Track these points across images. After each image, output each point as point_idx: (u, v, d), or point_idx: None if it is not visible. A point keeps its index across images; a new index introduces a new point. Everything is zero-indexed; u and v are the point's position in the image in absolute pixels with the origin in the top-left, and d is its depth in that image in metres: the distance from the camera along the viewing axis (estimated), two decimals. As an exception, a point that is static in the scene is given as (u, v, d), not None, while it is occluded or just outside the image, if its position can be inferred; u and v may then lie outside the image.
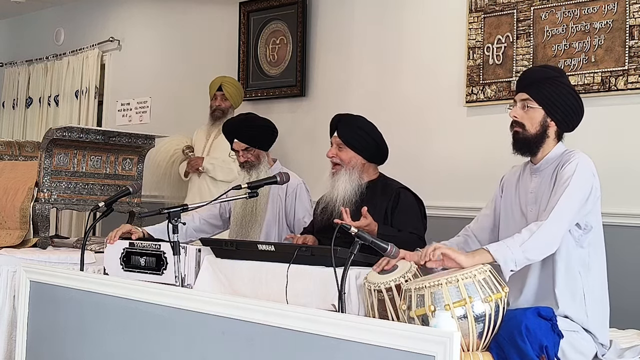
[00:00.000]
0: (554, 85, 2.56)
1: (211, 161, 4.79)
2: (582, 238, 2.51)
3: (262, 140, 3.68)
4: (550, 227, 2.38)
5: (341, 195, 3.15)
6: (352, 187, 3.16)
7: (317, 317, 1.99)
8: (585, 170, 2.49)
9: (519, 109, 2.59)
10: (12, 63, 7.84)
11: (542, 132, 2.57)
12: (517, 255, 2.33)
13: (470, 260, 2.32)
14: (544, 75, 2.59)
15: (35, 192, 4.11)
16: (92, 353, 2.70)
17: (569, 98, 2.58)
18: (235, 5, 5.52)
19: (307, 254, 2.79)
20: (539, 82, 2.57)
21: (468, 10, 4.20)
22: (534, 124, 2.57)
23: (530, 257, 2.38)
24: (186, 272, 3.09)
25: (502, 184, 2.79)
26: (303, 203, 3.65)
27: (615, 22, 3.64)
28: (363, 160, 3.22)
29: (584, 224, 2.50)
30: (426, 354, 1.75)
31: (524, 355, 2.17)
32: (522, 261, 2.36)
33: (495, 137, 3.93)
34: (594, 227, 2.53)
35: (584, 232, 2.51)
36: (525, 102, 2.57)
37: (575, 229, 2.49)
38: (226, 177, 4.73)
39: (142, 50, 6.51)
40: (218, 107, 4.88)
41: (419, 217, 3.22)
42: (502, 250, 2.33)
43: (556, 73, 2.63)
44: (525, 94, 2.58)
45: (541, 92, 2.55)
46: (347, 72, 4.85)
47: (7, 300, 3.56)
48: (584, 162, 2.50)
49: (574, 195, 2.43)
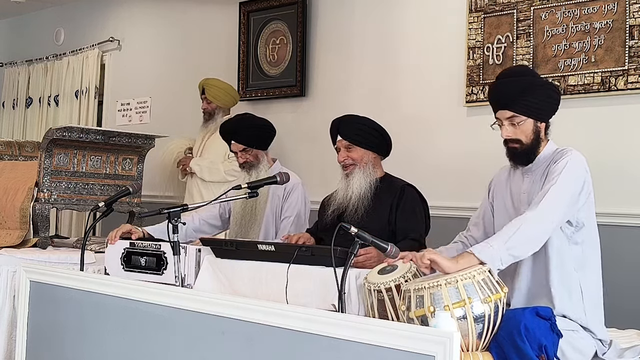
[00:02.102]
0: (533, 91, 2.53)
1: (198, 162, 4.86)
2: (575, 235, 2.50)
3: (260, 140, 3.68)
4: (536, 223, 2.36)
5: (357, 192, 3.19)
6: (368, 182, 3.20)
7: (317, 317, 1.99)
8: (576, 167, 2.47)
9: (509, 127, 2.56)
10: (12, 63, 7.84)
11: (536, 137, 2.57)
12: (502, 254, 2.31)
13: (455, 266, 2.29)
14: (520, 87, 2.54)
15: (35, 192, 4.11)
16: (92, 353, 2.70)
17: (548, 94, 2.57)
18: (235, 5, 5.52)
19: (307, 254, 2.79)
20: (518, 95, 2.52)
21: (468, 10, 4.20)
22: (528, 135, 2.56)
23: (516, 254, 2.35)
24: (186, 272, 3.09)
25: (491, 188, 2.78)
26: (291, 203, 3.64)
27: (615, 22, 3.64)
28: (374, 154, 3.27)
29: (575, 221, 2.49)
30: (426, 354, 1.75)
31: (523, 355, 2.17)
32: (508, 259, 2.34)
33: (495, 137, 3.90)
34: (585, 224, 2.51)
35: (575, 230, 2.50)
36: (512, 119, 2.55)
37: (566, 226, 2.48)
38: (213, 177, 4.79)
39: (142, 50, 6.51)
40: (204, 110, 4.97)
41: (422, 216, 3.23)
42: (486, 251, 2.32)
43: (528, 77, 2.60)
44: (509, 112, 2.54)
45: (525, 105, 2.52)
46: (347, 72, 4.86)
47: (7, 300, 3.56)
48: (575, 159, 2.48)
49: (563, 191, 2.41)
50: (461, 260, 2.31)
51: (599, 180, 2.62)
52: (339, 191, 3.27)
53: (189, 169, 4.88)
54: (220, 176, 4.75)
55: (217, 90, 4.90)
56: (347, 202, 3.21)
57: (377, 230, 2.86)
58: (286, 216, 3.62)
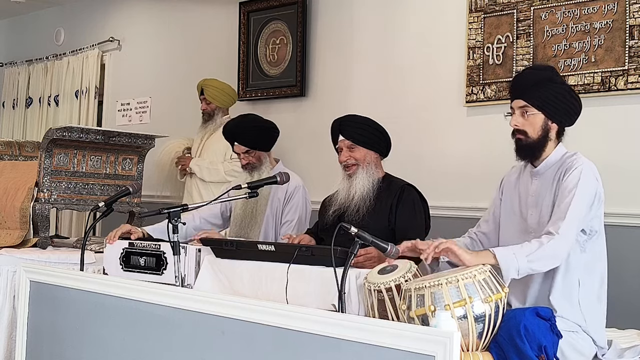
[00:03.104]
0: (549, 86, 2.54)
1: (198, 163, 4.86)
2: (586, 243, 2.50)
3: (263, 142, 3.67)
4: (560, 241, 2.36)
5: (359, 193, 3.19)
6: (370, 182, 3.21)
7: (317, 317, 1.99)
8: (589, 177, 2.47)
9: (519, 117, 2.56)
10: (12, 63, 7.84)
11: (544, 135, 2.55)
12: (521, 264, 2.32)
13: (474, 260, 2.31)
14: (537, 78, 2.55)
15: (35, 192, 4.11)
16: (92, 353, 2.70)
17: (565, 96, 2.56)
18: (235, 5, 5.52)
19: (307, 254, 2.79)
20: (534, 86, 2.53)
21: (468, 10, 4.20)
22: (535, 129, 2.54)
23: (535, 268, 2.37)
24: (186, 272, 3.08)
25: (502, 186, 2.77)
26: (292, 207, 3.64)
27: (615, 22, 3.64)
28: (375, 154, 3.27)
29: (588, 230, 2.49)
30: (426, 354, 1.75)
31: (523, 355, 2.17)
32: (526, 271, 2.35)
33: (495, 137, 3.93)
34: (597, 231, 2.52)
35: (588, 238, 2.50)
36: (524, 109, 2.55)
37: (580, 235, 2.48)
38: (213, 178, 4.79)
39: (142, 50, 6.51)
40: (204, 111, 4.96)
41: (422, 215, 3.23)
42: (507, 257, 2.32)
43: (548, 73, 2.61)
44: (522, 101, 2.55)
45: (538, 97, 2.53)
46: (347, 72, 4.86)
47: (7, 300, 3.56)
48: (587, 169, 2.48)
49: (580, 204, 2.42)
50: (481, 257, 2.33)
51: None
52: (340, 191, 3.27)
53: (189, 169, 4.89)
54: (220, 176, 4.76)
55: (215, 91, 4.90)
56: (349, 202, 3.20)
57: (377, 230, 2.86)
58: (288, 220, 3.61)
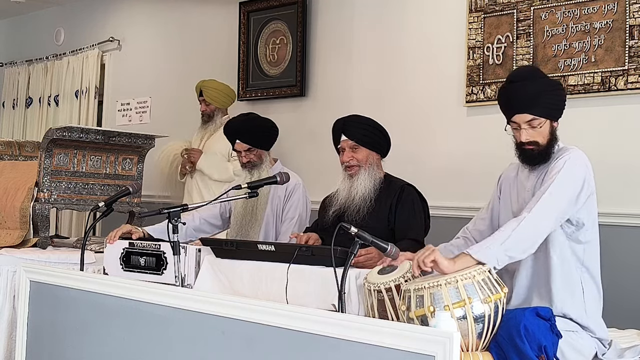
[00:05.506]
0: (549, 93, 2.53)
1: (207, 160, 4.81)
2: (576, 234, 2.50)
3: (264, 140, 3.69)
4: (533, 224, 2.35)
5: (361, 193, 3.19)
6: (372, 182, 3.21)
7: (317, 317, 1.99)
8: (576, 166, 2.46)
9: (529, 130, 2.53)
10: (12, 63, 7.84)
11: (552, 137, 2.56)
12: (498, 254, 2.31)
13: (453, 266, 2.29)
14: (533, 89, 2.52)
15: (35, 192, 4.11)
16: (92, 353, 2.70)
17: (560, 93, 2.57)
18: (235, 5, 5.52)
19: (307, 254, 2.79)
20: (534, 97, 2.51)
21: (468, 10, 4.20)
22: (545, 136, 2.54)
23: (512, 255, 2.35)
24: (186, 272, 3.09)
25: (500, 182, 2.77)
26: (292, 204, 3.64)
27: (615, 22, 3.64)
28: (377, 155, 3.28)
29: (575, 220, 2.48)
30: (426, 354, 1.75)
31: (523, 355, 2.17)
32: (504, 259, 2.33)
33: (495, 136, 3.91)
34: (586, 224, 2.50)
35: (576, 229, 2.49)
36: (532, 122, 2.52)
37: (566, 225, 2.48)
38: (222, 176, 4.77)
39: (142, 50, 6.51)
40: (204, 112, 4.96)
41: (422, 215, 3.23)
42: (482, 252, 2.31)
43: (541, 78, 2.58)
44: (528, 115, 2.51)
45: (543, 106, 2.51)
46: (347, 72, 4.86)
47: (7, 300, 3.56)
48: (575, 157, 2.47)
49: (561, 191, 2.40)
50: (458, 262, 2.31)
51: (599, 180, 2.61)
52: (341, 191, 3.26)
53: (198, 166, 4.84)
54: (229, 175, 4.73)
55: (214, 92, 4.90)
56: (350, 203, 3.20)
57: (377, 230, 2.87)
58: (288, 217, 3.62)
